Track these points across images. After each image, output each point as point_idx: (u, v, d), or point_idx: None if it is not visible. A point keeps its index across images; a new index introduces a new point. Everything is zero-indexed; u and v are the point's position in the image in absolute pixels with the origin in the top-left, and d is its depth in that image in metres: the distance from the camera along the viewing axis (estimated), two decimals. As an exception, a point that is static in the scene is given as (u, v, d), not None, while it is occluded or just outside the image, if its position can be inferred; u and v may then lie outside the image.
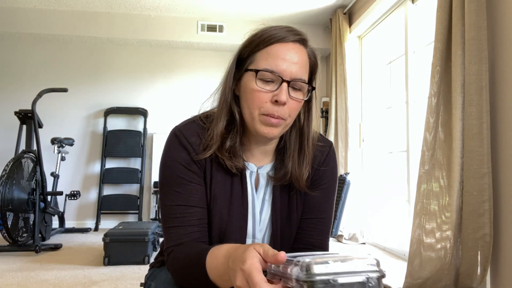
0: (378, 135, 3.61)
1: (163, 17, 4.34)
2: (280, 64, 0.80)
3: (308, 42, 0.87)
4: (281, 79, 0.80)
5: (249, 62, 0.84)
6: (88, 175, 4.50)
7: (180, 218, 0.83)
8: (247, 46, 0.85)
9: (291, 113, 0.83)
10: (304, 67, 0.84)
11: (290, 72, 0.80)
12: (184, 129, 0.87)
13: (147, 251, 2.78)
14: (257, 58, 0.83)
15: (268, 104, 0.81)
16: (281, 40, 0.82)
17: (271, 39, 0.82)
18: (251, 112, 0.83)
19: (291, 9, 4.09)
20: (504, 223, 1.82)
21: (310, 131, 0.91)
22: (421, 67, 2.80)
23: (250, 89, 0.82)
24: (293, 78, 0.81)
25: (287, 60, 0.81)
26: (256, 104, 0.81)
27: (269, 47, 0.82)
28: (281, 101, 0.79)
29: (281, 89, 0.80)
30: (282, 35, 0.82)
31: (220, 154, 0.85)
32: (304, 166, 0.89)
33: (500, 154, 1.86)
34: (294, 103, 0.82)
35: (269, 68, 0.80)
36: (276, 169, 0.91)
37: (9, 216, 3.07)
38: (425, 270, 1.99)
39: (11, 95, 4.39)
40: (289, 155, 0.90)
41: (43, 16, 4.17)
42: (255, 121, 0.83)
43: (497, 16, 1.90)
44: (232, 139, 0.86)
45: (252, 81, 0.82)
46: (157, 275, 0.91)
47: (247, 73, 0.84)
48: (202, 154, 0.84)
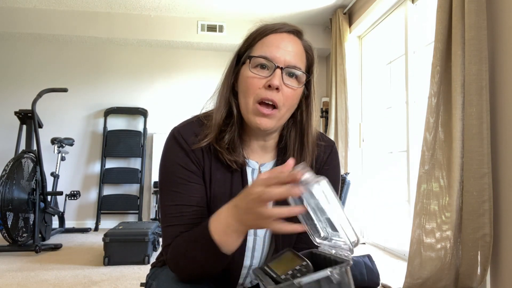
0: (378, 135, 3.61)
1: (163, 17, 4.34)
2: (273, 51, 0.82)
3: (303, 35, 0.89)
4: (275, 65, 0.81)
5: (246, 55, 0.86)
6: (88, 175, 4.50)
7: (178, 217, 0.83)
8: (245, 42, 0.88)
9: (286, 102, 0.83)
10: (299, 56, 0.85)
11: (284, 59, 0.82)
12: (182, 129, 0.88)
13: (147, 251, 2.78)
14: (253, 49, 0.85)
15: (262, 89, 0.82)
16: (275, 30, 0.85)
17: (266, 31, 0.85)
18: (246, 102, 0.84)
19: (291, 9, 4.09)
20: (504, 223, 1.82)
21: (310, 127, 0.91)
22: (421, 67, 2.80)
23: (245, 77, 0.84)
24: (287, 65, 0.82)
25: (281, 47, 0.83)
26: (251, 91, 0.83)
27: (264, 38, 0.85)
28: (273, 85, 0.80)
29: (274, 74, 0.81)
30: (276, 26, 0.85)
31: (218, 146, 0.86)
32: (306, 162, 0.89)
33: (500, 154, 1.86)
34: (289, 91, 0.83)
35: (262, 54, 0.82)
36: (278, 166, 0.92)
37: (9, 216, 3.07)
38: (425, 270, 1.99)
39: (11, 95, 4.39)
40: (290, 153, 0.90)
41: (43, 16, 4.17)
42: (249, 112, 0.84)
43: (497, 16, 1.90)
44: (230, 132, 0.87)
45: (246, 69, 0.84)
46: (159, 275, 0.91)
47: (244, 65, 0.86)
48: (198, 144, 0.85)
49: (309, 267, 0.62)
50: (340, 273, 0.57)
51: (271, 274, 0.62)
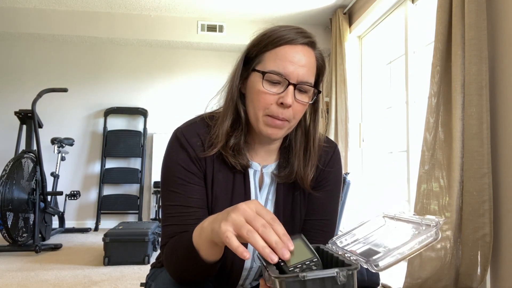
0: (378, 135, 3.61)
1: (163, 17, 4.34)
2: (287, 66, 0.79)
3: (316, 45, 0.86)
4: (288, 82, 0.80)
5: (257, 62, 0.83)
6: (88, 175, 4.50)
7: (177, 217, 0.83)
8: (255, 45, 0.85)
9: (296, 115, 0.83)
10: (311, 70, 0.83)
11: (297, 75, 0.80)
12: (185, 130, 0.87)
13: (147, 251, 2.78)
14: (265, 58, 0.82)
15: (274, 106, 0.81)
16: (290, 42, 0.81)
17: (279, 40, 0.81)
18: (255, 113, 0.83)
19: (291, 9, 4.09)
20: (504, 223, 1.82)
21: (316, 132, 0.91)
22: (421, 67, 2.80)
23: (257, 90, 0.82)
24: (299, 81, 0.80)
25: (295, 62, 0.80)
26: (262, 105, 0.81)
27: (278, 49, 0.81)
28: (286, 104, 0.79)
29: (287, 92, 0.79)
30: (291, 36, 0.81)
31: (224, 151, 0.85)
32: (310, 166, 0.89)
33: (500, 154, 1.86)
34: (299, 106, 0.82)
35: (276, 70, 0.80)
36: (281, 167, 0.92)
37: (9, 216, 3.07)
38: (425, 270, 1.99)
39: (11, 95, 4.39)
40: (294, 154, 0.90)
41: (43, 16, 4.17)
42: (259, 122, 0.83)
43: (497, 16, 1.90)
44: (236, 137, 0.86)
45: (258, 82, 0.81)
46: (158, 275, 0.91)
47: (254, 73, 0.83)
48: (207, 152, 0.85)
49: (319, 264, 0.62)
50: (346, 275, 0.57)
51: (279, 261, 0.62)
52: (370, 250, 0.70)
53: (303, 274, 0.56)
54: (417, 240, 0.63)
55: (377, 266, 0.61)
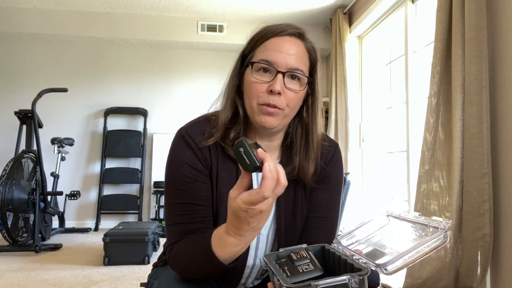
0: (378, 135, 3.61)
1: (163, 17, 4.34)
2: (275, 55, 0.83)
3: (306, 36, 0.89)
4: (276, 70, 0.82)
5: (250, 57, 0.87)
6: (88, 175, 4.50)
7: (183, 215, 0.84)
8: (249, 43, 0.89)
9: (289, 103, 0.84)
10: (301, 59, 0.85)
11: (285, 63, 0.82)
12: (190, 129, 0.89)
13: (147, 251, 2.78)
14: (256, 52, 0.86)
15: (264, 94, 0.83)
16: (278, 33, 0.85)
17: (268, 34, 0.86)
18: (250, 104, 0.85)
19: (291, 9, 4.10)
20: (504, 223, 1.82)
21: (315, 126, 0.92)
22: (421, 67, 2.80)
23: (248, 81, 0.85)
24: (288, 69, 0.83)
25: (283, 51, 0.83)
26: (254, 95, 0.84)
27: (267, 41, 0.85)
28: (275, 91, 0.81)
29: (275, 80, 0.82)
30: (279, 29, 0.85)
31: (223, 143, 0.87)
32: (311, 160, 0.90)
33: (500, 154, 1.86)
34: (291, 94, 0.84)
35: (264, 58, 0.83)
36: (283, 165, 0.92)
37: (9, 216, 3.07)
38: (425, 270, 1.99)
39: (11, 95, 4.39)
40: (296, 151, 0.91)
41: (43, 16, 4.17)
42: (254, 112, 0.85)
43: (497, 16, 1.90)
44: (235, 130, 0.88)
45: (250, 73, 0.85)
46: (160, 274, 0.91)
47: (247, 69, 0.87)
48: (205, 142, 0.86)
49: (316, 266, 0.63)
50: (358, 281, 0.57)
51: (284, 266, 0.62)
52: (376, 251, 0.70)
53: (315, 283, 0.55)
54: (425, 244, 0.63)
55: (386, 270, 0.61)
